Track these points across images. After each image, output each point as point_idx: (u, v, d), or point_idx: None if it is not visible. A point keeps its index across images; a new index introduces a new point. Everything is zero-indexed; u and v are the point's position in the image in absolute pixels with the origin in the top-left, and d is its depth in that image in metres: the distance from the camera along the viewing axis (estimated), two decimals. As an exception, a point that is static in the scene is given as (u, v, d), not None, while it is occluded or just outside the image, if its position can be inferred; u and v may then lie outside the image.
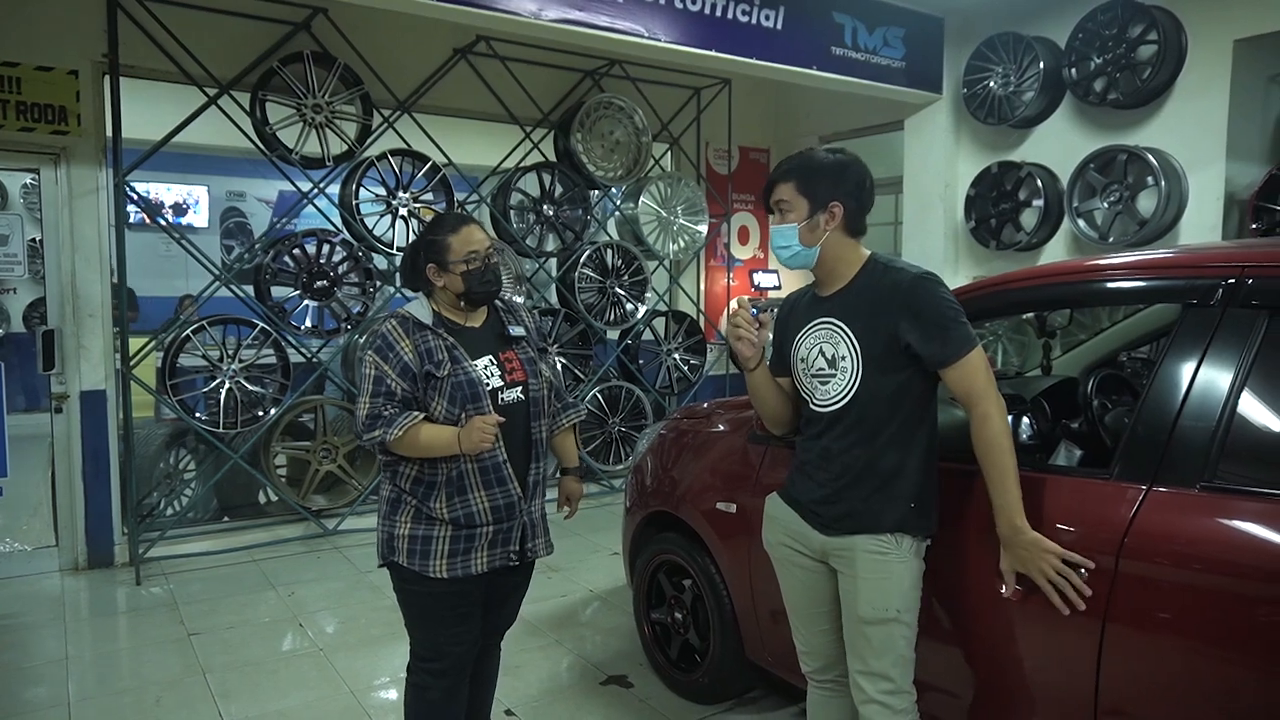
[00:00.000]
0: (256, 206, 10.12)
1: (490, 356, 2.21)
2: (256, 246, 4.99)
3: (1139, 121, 4.62)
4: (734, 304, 2.17)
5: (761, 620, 2.79)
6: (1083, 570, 1.81)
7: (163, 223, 5.14)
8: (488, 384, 2.16)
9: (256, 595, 4.19)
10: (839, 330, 1.98)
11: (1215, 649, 1.68)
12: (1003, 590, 1.90)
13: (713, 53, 4.47)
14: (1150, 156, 4.38)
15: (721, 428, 3.08)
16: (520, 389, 2.22)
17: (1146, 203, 4.48)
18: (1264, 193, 4.19)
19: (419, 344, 2.12)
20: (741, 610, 2.86)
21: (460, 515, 2.14)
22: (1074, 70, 4.73)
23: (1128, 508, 1.81)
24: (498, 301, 2.32)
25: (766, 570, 2.74)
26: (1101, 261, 2.14)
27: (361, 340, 5.06)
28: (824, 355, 2.00)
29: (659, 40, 4.29)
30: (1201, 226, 4.40)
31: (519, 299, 5.56)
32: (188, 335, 4.54)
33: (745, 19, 4.52)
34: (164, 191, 9.37)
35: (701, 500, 2.99)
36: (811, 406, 2.04)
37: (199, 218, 9.66)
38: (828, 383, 2.00)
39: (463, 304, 2.22)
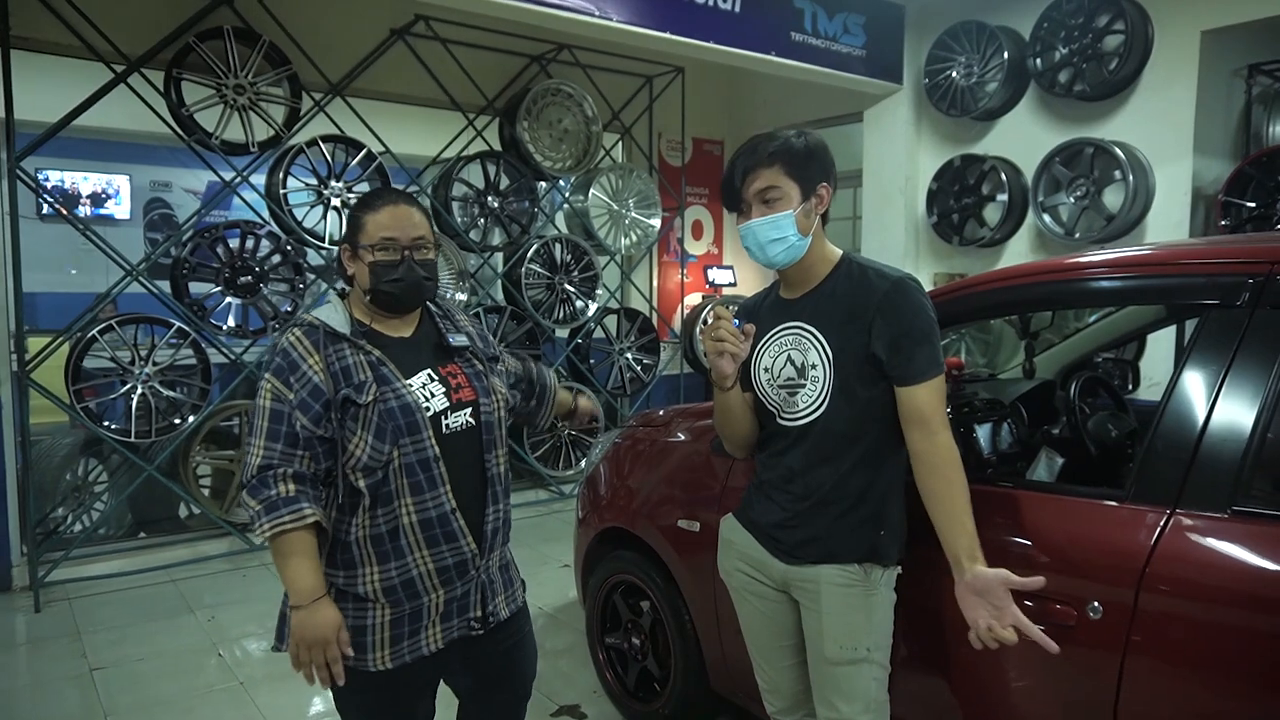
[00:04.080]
0: (183, 197, 9.55)
1: (429, 371, 1.72)
2: (173, 240, 4.59)
3: (1104, 114, 4.50)
4: (710, 312, 1.91)
5: (728, 649, 2.55)
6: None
7: (69, 213, 4.69)
8: (427, 408, 1.67)
9: (172, 621, 3.82)
10: (809, 336, 1.78)
11: (1249, 690, 1.49)
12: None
13: (668, 35, 4.22)
14: (1118, 150, 4.26)
15: (682, 436, 2.84)
16: (469, 411, 1.73)
17: (1113, 198, 4.36)
18: (1232, 188, 4.09)
19: (332, 361, 1.63)
20: (706, 638, 2.61)
21: (396, 584, 1.65)
22: (1039, 61, 4.60)
23: (1147, 534, 1.61)
24: (431, 305, 1.83)
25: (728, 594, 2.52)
26: (1108, 257, 1.94)
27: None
28: (793, 363, 1.79)
29: (610, 20, 4.02)
30: (1168, 222, 4.30)
31: (460, 296, 5.24)
32: (94, 336, 4.13)
33: (702, 0, 4.28)
34: (81, 181, 8.78)
35: (661, 517, 2.74)
36: (778, 421, 1.83)
37: (120, 209, 9.07)
38: (796, 394, 1.79)
39: (373, 306, 1.72)
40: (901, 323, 1.69)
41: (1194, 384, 1.66)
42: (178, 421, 4.38)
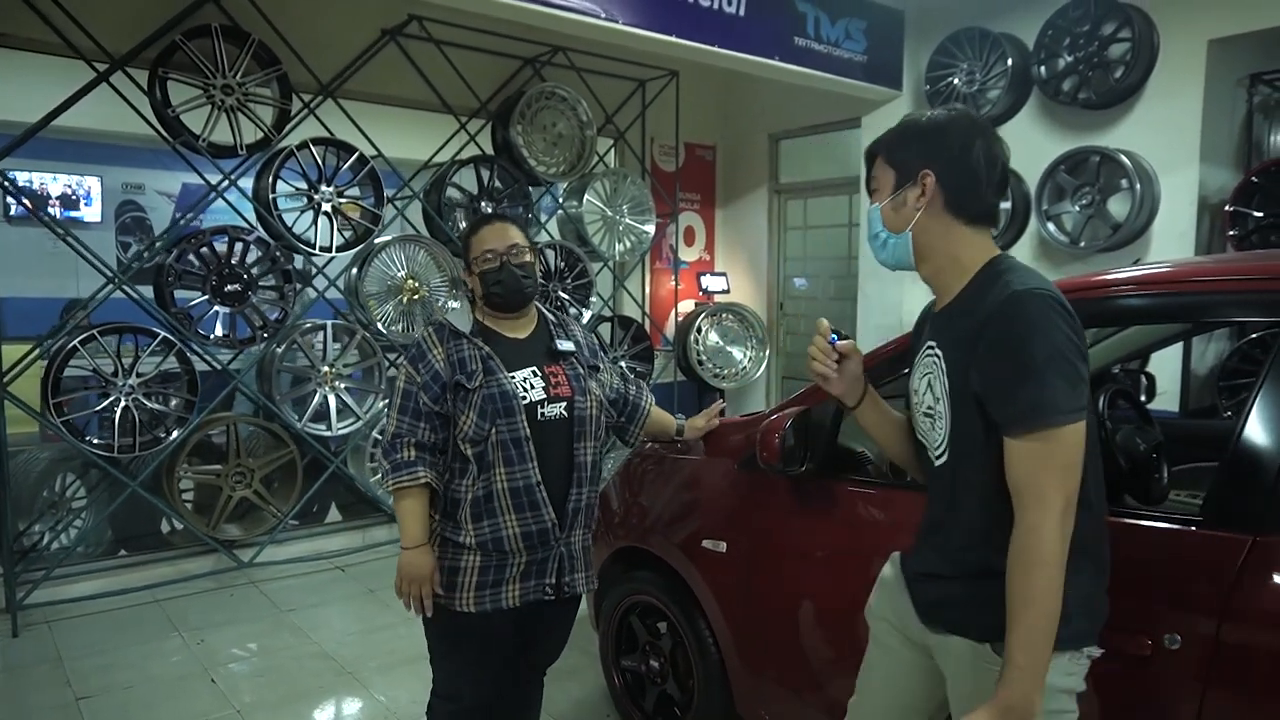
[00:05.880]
0: (157, 200, 9.29)
1: (534, 369, 2.08)
2: (158, 245, 4.42)
3: (1109, 122, 4.49)
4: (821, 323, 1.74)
5: (756, 672, 2.46)
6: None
7: (46, 216, 4.50)
8: (525, 397, 2.02)
9: (160, 644, 3.65)
10: (936, 359, 1.50)
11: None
12: None
13: (673, 38, 4.14)
14: (1124, 159, 4.24)
15: (706, 453, 2.74)
16: (564, 405, 2.06)
17: (1118, 206, 4.35)
18: (1239, 198, 4.09)
19: (452, 352, 2.02)
20: (731, 660, 2.52)
21: (488, 540, 2.01)
22: (1043, 68, 4.57)
23: (1230, 561, 1.55)
24: (549, 315, 2.20)
25: (764, 617, 2.43)
26: (1177, 270, 1.87)
27: (281, 351, 4.54)
28: (931, 390, 1.53)
29: (617, 22, 3.93)
30: (1174, 232, 4.29)
31: (453, 304, 5.11)
32: (75, 346, 3.95)
33: (707, 3, 4.20)
34: (50, 182, 8.50)
35: (684, 536, 2.65)
36: (928, 454, 1.57)
37: (91, 211, 8.80)
38: (934, 425, 1.52)
39: (488, 308, 2.11)
40: (1002, 349, 1.35)
41: (1276, 403, 1.59)
42: (162, 435, 4.20)
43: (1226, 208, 4.10)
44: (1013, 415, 1.34)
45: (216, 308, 4.31)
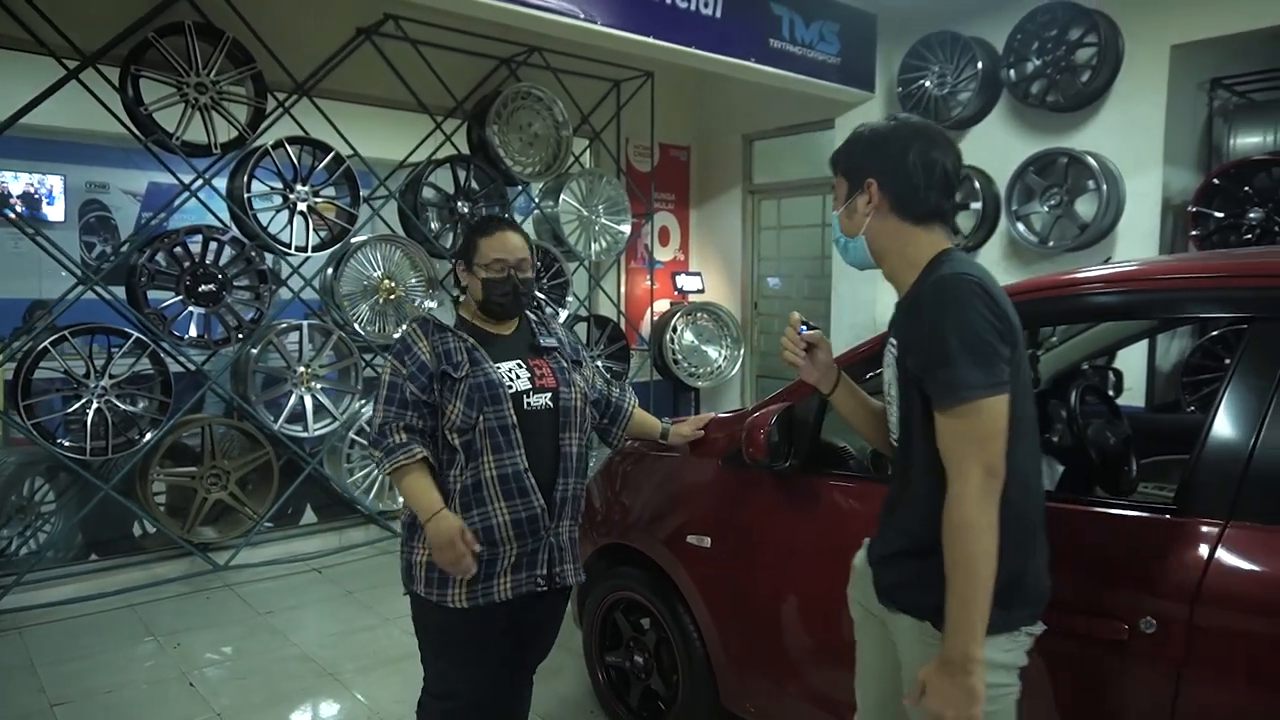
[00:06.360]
0: (122, 199, 9.13)
1: (518, 361, 2.12)
2: (124, 246, 4.36)
3: (1076, 125, 4.59)
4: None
5: (741, 665, 2.49)
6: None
7: (11, 215, 4.42)
8: (511, 387, 2.06)
9: (134, 649, 3.61)
10: (892, 348, 1.63)
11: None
12: (905, 698, 1.52)
13: (650, 39, 4.17)
14: (1091, 160, 4.35)
15: (689, 450, 2.76)
16: (549, 396, 2.11)
17: (1085, 207, 4.45)
18: (1201, 199, 4.20)
19: (437, 345, 2.05)
20: (716, 654, 2.55)
21: (478, 529, 2.02)
22: (1012, 71, 4.67)
23: (1202, 548, 1.61)
24: (531, 315, 2.24)
25: (749, 610, 2.47)
26: (1151, 268, 1.94)
27: (256, 351, 4.50)
28: (890, 377, 1.66)
29: (595, 23, 3.95)
30: (1139, 231, 4.40)
31: (429, 304, 5.10)
32: (46, 347, 3.88)
33: (685, 5, 4.24)
34: (11, 180, 8.33)
35: (668, 533, 2.68)
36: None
37: (54, 210, 8.63)
38: (891, 410, 1.65)
39: (481, 311, 2.14)
40: (926, 334, 1.45)
41: (1244, 396, 1.65)
42: (136, 437, 4.15)
43: (1189, 208, 4.22)
44: (935, 392, 1.44)
45: (191, 308, 4.26)
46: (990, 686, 1.45)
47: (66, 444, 4.00)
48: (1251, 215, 4.06)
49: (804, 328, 1.80)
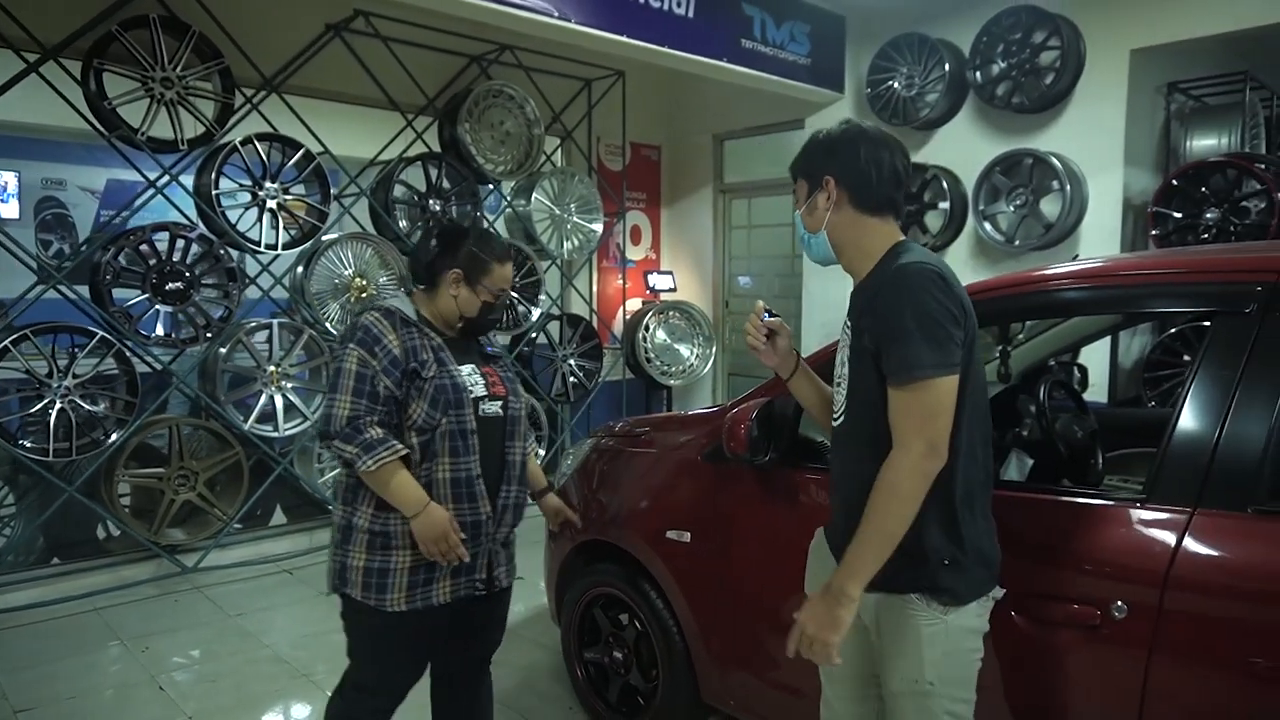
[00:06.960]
0: (80, 196, 8.93)
1: (473, 366, 2.14)
2: (83, 245, 4.27)
3: (1040, 126, 4.69)
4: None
5: (721, 659, 2.52)
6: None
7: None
8: (471, 390, 2.07)
9: (101, 653, 3.54)
10: (846, 330, 1.75)
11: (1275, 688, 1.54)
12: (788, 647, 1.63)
13: (624, 38, 4.18)
14: (1055, 161, 4.44)
15: (667, 445, 2.79)
16: (500, 404, 2.14)
17: (1050, 207, 4.54)
18: (1160, 199, 4.31)
19: (405, 339, 2.02)
20: (697, 648, 2.57)
21: None
22: (979, 74, 4.75)
23: (1170, 535, 1.66)
24: None
25: (729, 604, 2.49)
26: (1116, 264, 2.00)
27: (225, 350, 4.43)
28: (844, 360, 1.75)
29: (569, 21, 3.95)
30: (1101, 230, 4.50)
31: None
32: (6, 346, 3.79)
33: (658, 4, 4.26)
34: (-37, 178, 8.12)
35: (647, 528, 2.69)
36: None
37: (8, 208, 8.42)
38: (840, 389, 1.76)
39: (458, 324, 2.15)
40: (885, 315, 1.57)
41: (1209, 388, 1.71)
42: (101, 438, 4.07)
43: (1149, 208, 4.33)
44: (890, 369, 1.57)
45: (157, 306, 4.19)
46: (965, 651, 1.63)
47: (28, 445, 3.92)
48: (1208, 215, 4.18)
49: (766, 314, 1.89)
